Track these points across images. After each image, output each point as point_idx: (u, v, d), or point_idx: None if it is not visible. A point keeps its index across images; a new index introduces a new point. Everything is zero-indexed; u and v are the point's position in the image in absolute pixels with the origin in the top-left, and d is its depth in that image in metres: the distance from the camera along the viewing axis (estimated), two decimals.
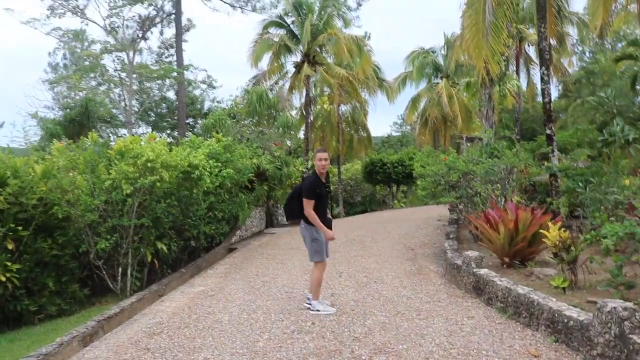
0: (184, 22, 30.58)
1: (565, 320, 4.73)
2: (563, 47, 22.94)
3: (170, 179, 9.39)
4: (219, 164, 12.30)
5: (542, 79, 11.46)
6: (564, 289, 6.01)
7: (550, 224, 6.82)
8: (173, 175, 9.48)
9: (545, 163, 10.97)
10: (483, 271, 6.89)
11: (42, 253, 8.63)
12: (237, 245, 13.68)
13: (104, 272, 9.13)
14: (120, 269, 9.16)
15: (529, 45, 25.07)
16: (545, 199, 12.04)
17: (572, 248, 6.37)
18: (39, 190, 8.67)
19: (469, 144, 17.10)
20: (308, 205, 6.35)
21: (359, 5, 33.60)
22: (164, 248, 9.60)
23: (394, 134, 53.52)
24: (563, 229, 6.78)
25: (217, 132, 15.55)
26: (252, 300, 7.35)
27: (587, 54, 26.92)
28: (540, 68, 11.47)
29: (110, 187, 8.94)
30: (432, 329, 5.39)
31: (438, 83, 32.48)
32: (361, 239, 12.93)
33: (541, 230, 7.09)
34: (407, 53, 33.49)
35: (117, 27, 22.43)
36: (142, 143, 9.81)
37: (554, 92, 35.94)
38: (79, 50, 25.54)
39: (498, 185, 9.75)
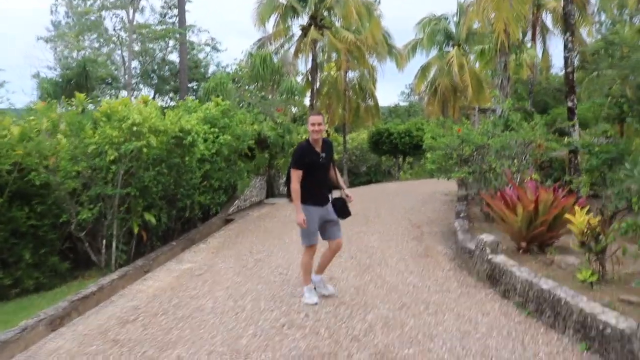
0: None
1: (601, 327, 4.03)
2: (583, 15, 21.76)
3: (159, 144, 8.67)
4: (216, 130, 11.58)
5: (565, 45, 10.57)
6: (591, 283, 5.31)
7: (576, 207, 6.08)
8: (162, 141, 8.75)
9: (565, 138, 10.16)
10: (499, 258, 6.18)
11: (17, 222, 7.97)
12: (235, 216, 13.02)
13: (87, 244, 8.48)
14: (104, 241, 8.52)
15: (546, 13, 23.89)
16: (562, 177, 11.29)
17: (602, 237, 5.64)
18: (14, 155, 7.95)
19: (481, 116, 16.25)
20: (293, 176, 5.51)
21: None
22: (153, 219, 8.93)
23: (402, 103, 52.38)
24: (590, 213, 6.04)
25: (218, 97, 14.75)
26: (242, 282, 6.68)
27: (607, 24, 25.62)
28: (565, 34, 10.57)
29: (95, 153, 8.23)
30: (443, 328, 4.70)
31: (449, 51, 31.32)
32: (365, 212, 12.23)
33: (566, 215, 6.34)
34: (418, 20, 32.23)
35: None
36: (135, 105, 9.05)
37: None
38: (80, 8, 24.56)
39: (514, 160, 8.98)
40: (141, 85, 30.96)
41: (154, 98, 29.37)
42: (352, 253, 8.07)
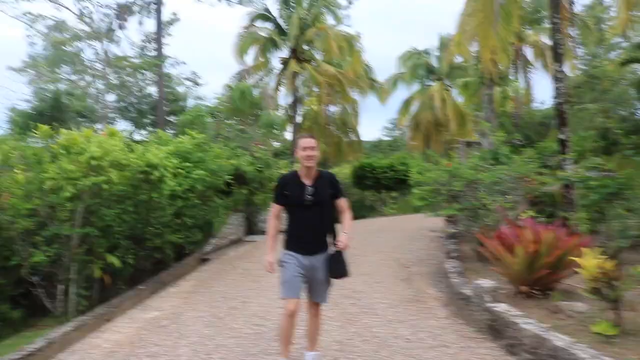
0: (168, 16, 29.02)
1: None
2: (565, 49, 21.66)
3: (123, 180, 7.93)
4: (189, 165, 10.89)
5: (555, 77, 10.14)
6: (606, 335, 4.65)
7: (583, 249, 5.44)
8: (126, 176, 8.01)
9: (558, 172, 9.63)
10: (501, 307, 5.49)
11: None
12: (211, 256, 12.21)
13: (41, 290, 7.64)
14: (61, 287, 7.67)
15: (527, 47, 23.84)
16: (555, 213, 10.77)
17: (617, 283, 4.99)
18: None
19: (467, 149, 15.77)
20: (271, 210, 4.63)
21: (350, 2, 32.26)
22: (116, 261, 8.11)
23: (385, 138, 52.25)
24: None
25: (194, 130, 14.09)
26: (211, 336, 5.89)
27: (588, 58, 25.68)
28: (554, 63, 10.15)
29: (52, 189, 7.47)
30: None
31: (431, 85, 31.25)
32: (350, 251, 11.50)
33: (572, 258, 5.69)
34: (398, 55, 32.19)
35: (90, 13, 20.75)
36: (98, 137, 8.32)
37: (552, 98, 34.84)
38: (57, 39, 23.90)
39: (507, 196, 8.38)
40: (118, 119, 30.23)
41: (132, 132, 28.66)
42: (337, 299, 7.30)
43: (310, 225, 4.49)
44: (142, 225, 9.20)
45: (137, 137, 27.17)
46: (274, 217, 4.62)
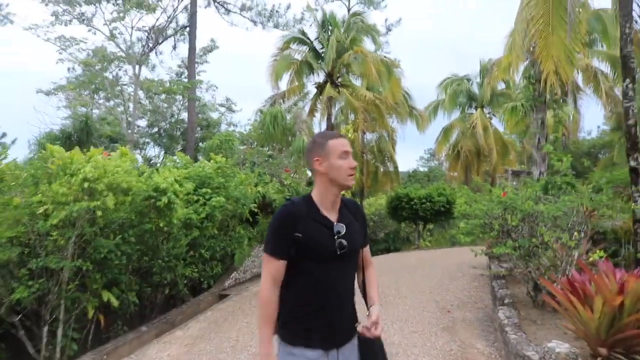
0: (205, 42, 28.60)
1: None
2: (617, 72, 20.10)
3: (124, 206, 6.92)
4: (208, 191, 9.87)
5: (625, 94, 8.82)
6: None
7: None
8: (128, 201, 6.99)
9: (633, 205, 8.22)
10: None
11: None
12: (231, 291, 11.11)
13: (23, 332, 6.62)
14: (47, 328, 6.64)
15: (577, 72, 22.34)
16: (618, 252, 9.38)
17: None
18: None
19: (515, 179, 14.42)
20: (264, 273, 2.58)
21: (389, 30, 31.40)
22: (113, 299, 7.05)
23: (421, 168, 50.86)
24: None
25: (223, 155, 13.15)
26: None
27: None
28: (624, 80, 8.84)
29: (41, 214, 6.50)
30: None
31: (472, 113, 29.94)
32: (383, 290, 10.24)
33: None
34: (438, 81, 31.04)
35: (120, 33, 20.28)
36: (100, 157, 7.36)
37: (604, 127, 32.91)
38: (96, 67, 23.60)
39: (574, 232, 7.03)
40: (149, 144, 29.76)
41: (159, 157, 28.10)
42: None
43: (339, 292, 2.61)
44: (149, 257, 8.15)
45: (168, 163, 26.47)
46: (272, 284, 2.54)
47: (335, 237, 2.54)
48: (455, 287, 10.86)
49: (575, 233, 6.92)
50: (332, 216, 2.60)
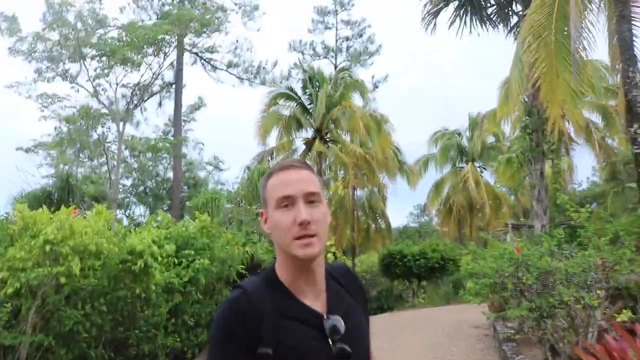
0: (193, 99, 28.40)
1: None
2: (610, 122, 19.93)
3: (94, 271, 6.17)
4: (192, 252, 9.15)
5: (634, 140, 8.37)
6: None
7: None
8: (97, 266, 6.24)
9: None
10: None
11: None
12: None
13: None
14: None
15: (568, 123, 22.16)
16: (635, 309, 8.67)
17: None
18: None
19: (515, 233, 13.82)
20: None
21: (376, 87, 31.47)
22: None
23: (411, 224, 50.29)
24: None
25: (209, 214, 12.49)
26: None
27: None
28: (631, 126, 8.41)
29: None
30: None
31: (463, 167, 29.74)
32: (377, 354, 9.37)
33: None
34: (429, 136, 30.94)
35: (104, 90, 19.91)
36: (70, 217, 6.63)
37: (594, 177, 32.71)
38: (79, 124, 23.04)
39: (598, 291, 6.36)
40: (134, 204, 29.03)
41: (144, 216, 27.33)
42: None
43: None
44: (124, 327, 7.32)
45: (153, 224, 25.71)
46: None
47: (331, 341, 1.49)
48: (459, 350, 10.08)
49: (598, 291, 6.25)
50: (316, 303, 1.54)
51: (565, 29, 7.95)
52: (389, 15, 61.01)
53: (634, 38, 8.62)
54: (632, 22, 8.63)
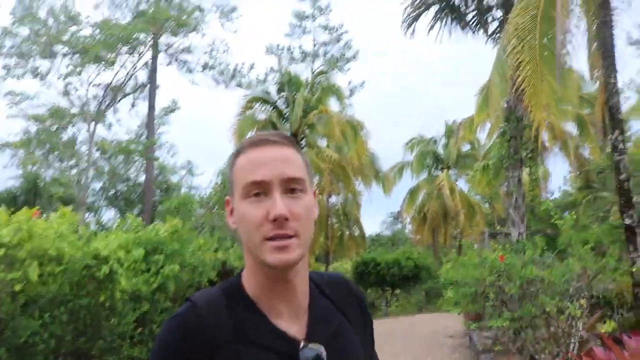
0: (167, 102, 27.90)
1: None
2: (584, 131, 20.10)
3: (54, 277, 5.77)
4: (160, 258, 8.76)
5: (614, 147, 8.29)
6: None
7: None
8: (57, 272, 5.84)
9: (634, 268, 7.49)
10: None
11: None
12: None
13: None
14: None
15: (545, 131, 22.31)
16: (611, 317, 8.60)
17: None
18: None
19: (491, 241, 13.70)
20: None
21: (352, 92, 31.33)
22: None
23: (385, 233, 50.17)
24: None
25: (180, 219, 12.10)
26: None
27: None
28: (612, 133, 8.33)
29: None
30: None
31: (438, 175, 29.76)
32: None
33: None
34: (404, 142, 30.87)
35: (75, 89, 19.35)
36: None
37: (565, 187, 33.02)
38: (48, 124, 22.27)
39: (579, 300, 6.20)
40: (107, 206, 28.37)
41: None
42: None
43: None
44: (87, 337, 6.90)
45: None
46: None
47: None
48: None
49: (582, 301, 6.08)
50: (293, 325, 1.19)
51: (550, 32, 7.84)
52: (368, 20, 61.30)
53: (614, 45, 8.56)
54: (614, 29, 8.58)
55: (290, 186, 1.13)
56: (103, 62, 18.36)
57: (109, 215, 28.33)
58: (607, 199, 21.14)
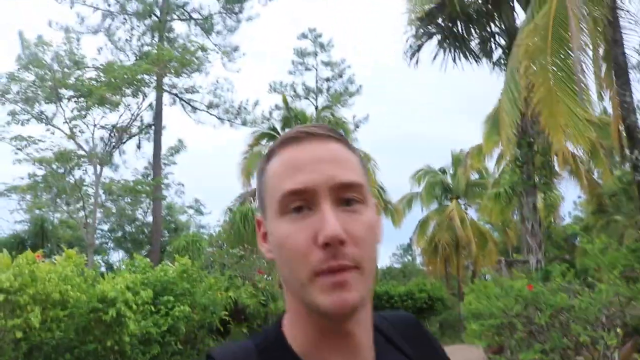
0: (173, 141, 27.87)
1: None
2: (595, 155, 19.77)
3: (58, 322, 5.49)
4: (171, 298, 8.48)
5: (635, 167, 8.03)
6: None
7: None
8: (62, 316, 5.56)
9: None
10: None
11: None
12: None
13: None
14: None
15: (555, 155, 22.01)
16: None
17: None
18: None
19: (510, 270, 13.32)
20: None
21: (357, 127, 31.24)
22: None
23: (395, 265, 49.64)
24: None
25: (190, 258, 11.83)
26: None
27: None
28: (632, 152, 8.10)
29: None
30: None
31: (447, 205, 29.45)
32: None
33: None
34: (411, 174, 30.63)
35: (81, 131, 19.29)
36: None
37: (575, 212, 32.54)
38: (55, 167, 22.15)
39: (615, 329, 5.85)
40: (113, 249, 28.15)
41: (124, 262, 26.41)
42: None
43: None
44: None
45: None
46: None
47: None
48: None
49: (619, 330, 5.73)
50: None
51: (561, 52, 7.68)
52: (370, 54, 61.84)
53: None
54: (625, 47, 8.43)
55: (345, 195, 0.82)
56: (108, 104, 18.34)
57: (117, 256, 28.12)
58: (620, 222, 20.75)
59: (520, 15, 12.76)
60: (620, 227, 20.25)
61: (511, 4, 12.93)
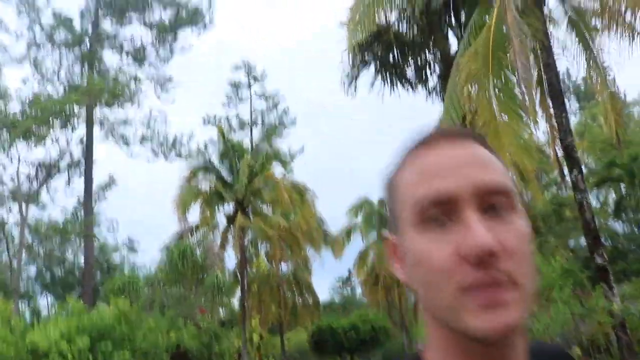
0: (104, 177, 26.81)
1: None
2: (526, 179, 20.41)
3: None
4: (108, 344, 7.88)
5: (574, 186, 8.24)
6: None
7: None
8: None
9: (612, 307, 7.22)
10: None
11: None
12: None
13: None
14: None
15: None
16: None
17: None
18: None
19: None
20: None
21: (292, 158, 31.22)
22: None
23: (335, 298, 49.20)
24: None
25: (127, 299, 11.17)
26: None
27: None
28: (571, 172, 8.31)
29: None
30: None
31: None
32: None
33: None
34: (349, 205, 30.67)
35: (3, 167, 18.18)
36: None
37: None
38: None
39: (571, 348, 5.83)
40: (44, 292, 26.55)
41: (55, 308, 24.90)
42: None
43: None
44: None
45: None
46: None
47: None
48: None
49: (576, 348, 5.71)
50: None
51: (502, 74, 7.88)
52: (306, 87, 62.24)
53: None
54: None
55: (492, 201, 0.69)
56: (34, 138, 17.36)
57: (45, 302, 26.52)
58: (552, 242, 21.55)
59: (453, 44, 13.12)
60: (552, 248, 20.95)
61: (444, 32, 13.26)
